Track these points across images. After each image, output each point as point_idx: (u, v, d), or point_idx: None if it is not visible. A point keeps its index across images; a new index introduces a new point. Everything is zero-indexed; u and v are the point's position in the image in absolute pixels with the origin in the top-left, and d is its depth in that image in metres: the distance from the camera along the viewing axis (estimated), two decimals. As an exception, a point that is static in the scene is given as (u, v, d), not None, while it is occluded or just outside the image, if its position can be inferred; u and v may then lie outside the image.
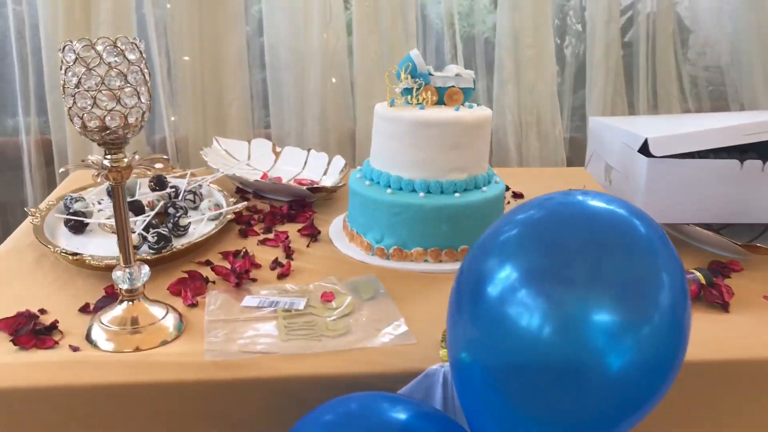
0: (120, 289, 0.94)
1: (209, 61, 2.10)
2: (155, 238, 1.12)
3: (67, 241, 1.19)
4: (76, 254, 1.09)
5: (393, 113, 1.17)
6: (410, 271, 1.15)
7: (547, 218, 0.76)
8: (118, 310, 0.95)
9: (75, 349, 0.90)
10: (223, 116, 2.14)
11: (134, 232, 1.13)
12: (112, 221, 1.21)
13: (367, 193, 1.18)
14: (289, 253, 1.19)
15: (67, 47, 0.82)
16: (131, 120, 0.85)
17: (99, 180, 0.89)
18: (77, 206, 1.24)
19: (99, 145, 0.88)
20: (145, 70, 0.86)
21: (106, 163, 0.88)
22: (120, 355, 0.90)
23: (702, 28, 2.51)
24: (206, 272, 1.10)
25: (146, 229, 1.15)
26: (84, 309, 1.00)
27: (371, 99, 2.19)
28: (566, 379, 0.70)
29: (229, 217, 1.26)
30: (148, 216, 1.19)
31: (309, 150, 1.62)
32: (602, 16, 2.27)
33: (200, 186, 1.38)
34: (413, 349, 0.93)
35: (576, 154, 2.38)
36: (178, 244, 1.15)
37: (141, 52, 0.85)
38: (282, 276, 1.12)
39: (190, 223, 1.22)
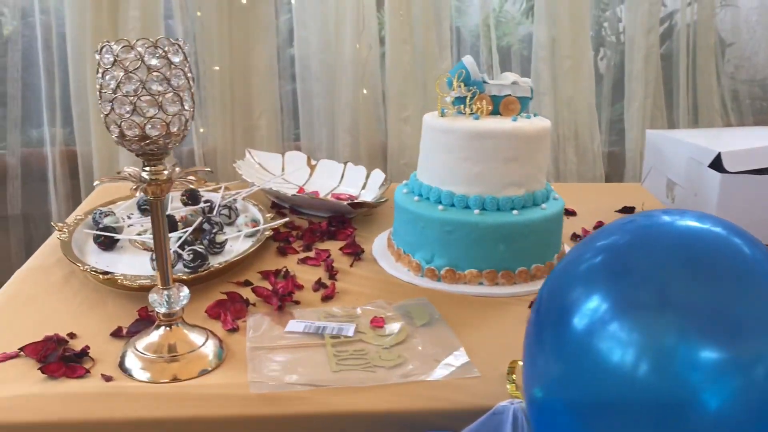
0: (156, 312, 0.87)
1: (238, 71, 2.04)
2: (191, 255, 1.04)
3: (97, 258, 1.11)
4: (106, 273, 1.01)
5: (445, 124, 1.09)
6: (464, 294, 1.06)
7: (634, 243, 0.68)
8: (155, 335, 0.87)
9: (108, 378, 0.83)
10: (252, 128, 2.07)
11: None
12: (144, 237, 1.13)
13: (416, 209, 1.10)
14: (332, 274, 1.11)
15: (104, 48, 0.74)
16: (173, 129, 0.77)
17: (137, 193, 0.82)
18: (107, 221, 1.17)
19: (137, 156, 0.80)
20: (189, 74, 0.78)
21: (145, 175, 0.81)
22: (156, 386, 0.82)
23: (741, 40, 2.42)
24: (245, 293, 1.02)
25: (181, 246, 1.08)
26: (116, 333, 0.92)
27: (403, 111, 2.12)
28: (663, 421, 0.62)
29: (267, 233, 1.18)
30: (185, 232, 1.11)
31: (346, 163, 1.55)
32: (641, 26, 2.19)
33: (235, 200, 1.31)
34: (476, 383, 0.85)
35: (614, 169, 2.29)
36: (215, 262, 1.08)
37: (185, 55, 0.78)
38: (326, 298, 1.04)
39: (226, 239, 1.14)
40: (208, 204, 1.27)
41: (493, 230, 1.06)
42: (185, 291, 0.86)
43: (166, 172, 0.81)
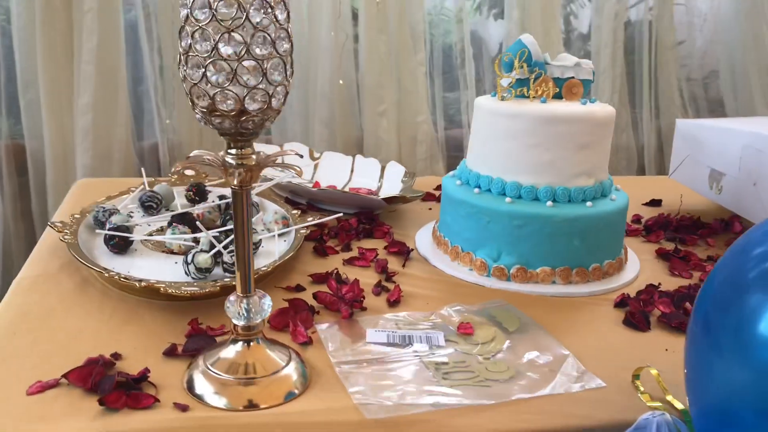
0: (234, 325, 0.72)
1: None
2: (233, 258, 0.90)
3: (108, 263, 0.95)
4: (142, 281, 0.85)
5: (510, 108, 0.99)
6: (537, 295, 0.97)
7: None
8: (230, 352, 0.73)
9: (183, 408, 0.68)
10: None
11: (206, 252, 0.90)
12: (171, 238, 0.98)
13: (479, 202, 0.99)
14: (389, 275, 0.99)
15: (197, 1, 0.60)
16: (274, 103, 0.64)
17: (226, 179, 0.67)
18: (116, 220, 1.00)
19: (223, 135, 0.66)
20: (292, 36, 0.65)
21: (230, 160, 0.66)
22: (237, 414, 0.68)
23: (697, 36, 2.45)
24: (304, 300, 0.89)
25: (212, 246, 0.93)
26: (171, 352, 0.77)
27: (380, 104, 2.01)
28: None
29: (303, 232, 1.05)
30: (219, 231, 0.96)
31: (354, 156, 1.42)
32: (607, 24, 2.17)
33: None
34: (603, 394, 0.75)
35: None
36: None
37: (288, 12, 0.64)
38: (394, 303, 0.91)
39: (261, 240, 1.00)
40: (224, 200, 1.12)
41: (567, 224, 0.97)
42: (268, 300, 0.72)
43: (254, 156, 0.67)
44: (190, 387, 0.71)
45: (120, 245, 0.97)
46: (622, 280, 1.02)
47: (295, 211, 1.12)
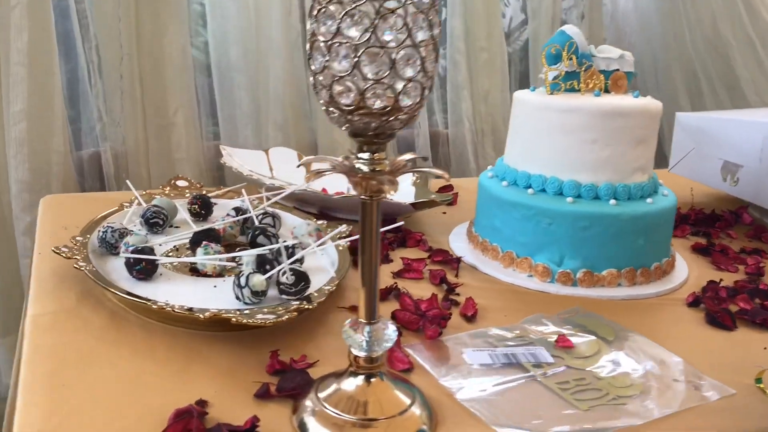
0: (354, 357, 0.62)
1: (147, 59, 1.70)
2: (293, 278, 0.79)
3: (132, 291, 0.80)
4: (206, 311, 0.72)
5: (565, 102, 0.94)
6: (604, 299, 0.91)
7: None
8: (350, 385, 0.63)
9: (316, 461, 0.57)
10: (168, 126, 1.73)
11: (259, 273, 0.79)
12: (200, 258, 0.85)
13: (538, 203, 0.93)
14: (451, 287, 0.90)
15: (346, -23, 0.50)
16: (425, 98, 0.55)
17: (352, 190, 0.57)
18: (133, 241, 0.86)
19: (354, 137, 0.56)
20: (436, 20, 0.56)
21: (362, 166, 0.56)
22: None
23: (623, 34, 2.50)
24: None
25: (260, 266, 0.82)
26: (264, 394, 0.65)
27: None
28: None
29: (344, 244, 0.94)
30: (269, 249, 0.84)
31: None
32: (545, 23, 2.17)
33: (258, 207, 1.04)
34: (733, 401, 0.70)
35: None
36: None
37: (437, -7, 0.55)
38: (471, 318, 0.84)
39: (303, 256, 0.89)
40: (241, 212, 1.00)
41: (633, 222, 0.92)
42: (391, 329, 0.63)
43: (387, 162, 0.57)
44: (305, 433, 0.60)
45: (147, 270, 0.83)
46: (680, 277, 0.98)
47: (321, 222, 1.01)
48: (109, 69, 1.65)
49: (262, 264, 0.83)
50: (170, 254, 0.92)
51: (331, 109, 0.54)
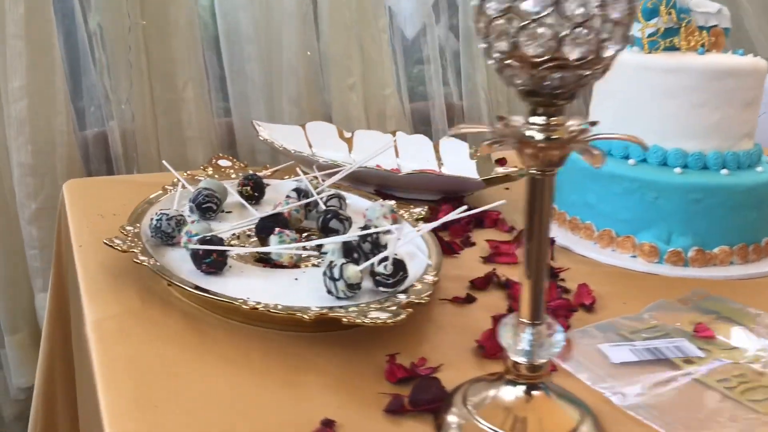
0: (514, 363, 0.52)
1: (154, 29, 1.56)
2: (392, 267, 0.68)
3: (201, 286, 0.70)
4: (308, 310, 0.62)
5: (668, 61, 0.84)
6: (720, 279, 0.82)
7: None
8: (507, 394, 0.53)
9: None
10: (177, 101, 1.60)
11: (354, 263, 0.68)
12: (275, 248, 0.74)
13: (642, 175, 0.84)
14: (554, 272, 0.81)
15: None
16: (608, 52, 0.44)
17: (520, 171, 0.47)
18: (196, 230, 0.75)
19: (527, 97, 0.46)
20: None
21: (535, 133, 0.46)
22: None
23: None
24: (479, 314, 0.70)
25: (354, 255, 0.71)
26: (397, 410, 0.55)
27: (348, 77, 1.79)
28: None
29: (425, 229, 0.84)
30: (357, 235, 0.73)
31: (394, 132, 1.21)
32: None
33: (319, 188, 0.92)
34: None
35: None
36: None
37: None
38: (589, 308, 0.74)
39: (387, 241, 0.78)
40: (303, 193, 0.88)
41: (747, 194, 0.83)
42: (559, 332, 0.52)
43: (569, 126, 0.47)
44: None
45: (218, 263, 0.72)
46: (791, 253, 0.90)
47: (390, 201, 0.90)
48: (113, 41, 1.51)
49: (349, 252, 0.72)
50: (233, 243, 0.81)
51: (509, 62, 0.44)
